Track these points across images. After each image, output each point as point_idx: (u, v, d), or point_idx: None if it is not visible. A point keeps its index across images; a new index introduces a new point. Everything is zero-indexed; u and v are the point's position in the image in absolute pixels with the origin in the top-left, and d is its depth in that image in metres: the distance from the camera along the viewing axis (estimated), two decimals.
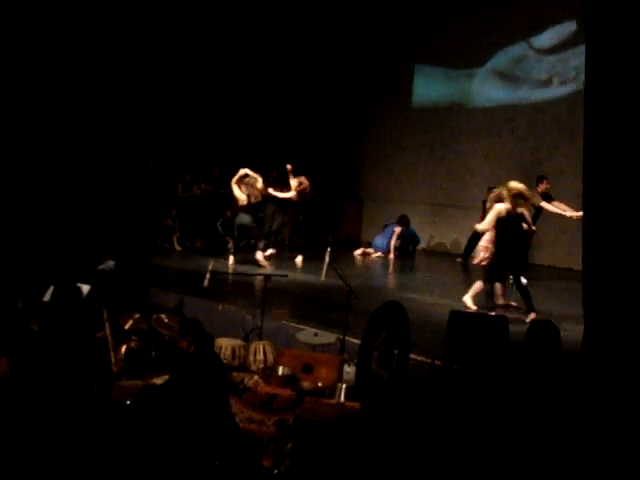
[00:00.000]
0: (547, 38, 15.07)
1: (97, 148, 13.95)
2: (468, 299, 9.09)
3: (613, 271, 5.68)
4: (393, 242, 15.07)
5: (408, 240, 15.48)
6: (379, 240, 15.27)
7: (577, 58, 13.85)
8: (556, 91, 14.87)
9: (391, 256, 14.99)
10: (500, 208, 8.88)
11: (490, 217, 8.95)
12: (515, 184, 9.00)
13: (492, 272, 9.10)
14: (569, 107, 13.97)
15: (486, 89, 16.16)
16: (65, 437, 5.45)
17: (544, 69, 15.12)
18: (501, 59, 15.93)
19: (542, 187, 11.56)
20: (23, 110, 12.94)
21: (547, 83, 15.04)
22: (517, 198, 8.83)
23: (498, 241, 8.98)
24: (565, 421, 4.45)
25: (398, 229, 15.18)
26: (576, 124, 12.50)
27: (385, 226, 15.52)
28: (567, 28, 14.41)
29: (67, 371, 6.07)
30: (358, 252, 15.31)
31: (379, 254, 15.08)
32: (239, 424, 5.71)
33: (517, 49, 15.60)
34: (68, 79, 13.57)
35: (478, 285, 9.15)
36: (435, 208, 16.83)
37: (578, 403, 4.51)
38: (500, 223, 8.86)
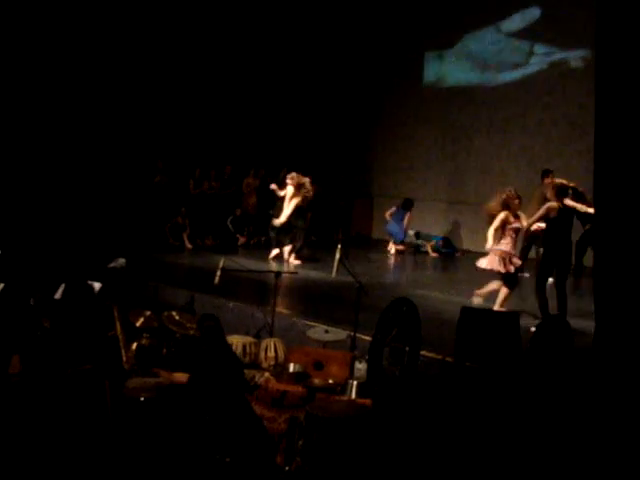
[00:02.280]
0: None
1: (108, 146, 13.98)
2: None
3: (624, 267, 5.66)
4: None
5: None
6: (392, 226, 15.22)
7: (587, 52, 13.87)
8: (566, 87, 14.82)
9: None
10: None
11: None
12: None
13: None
14: (580, 103, 13.92)
15: (498, 86, 16.12)
16: (77, 434, 5.47)
17: (554, 64, 15.11)
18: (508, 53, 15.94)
19: (547, 181, 11.58)
20: (34, 109, 12.99)
21: (558, 78, 15.01)
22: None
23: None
24: (577, 416, 4.44)
25: (408, 215, 15.20)
26: (586, 120, 12.47)
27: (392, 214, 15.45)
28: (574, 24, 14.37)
29: (79, 368, 6.09)
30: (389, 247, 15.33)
31: (400, 247, 15.14)
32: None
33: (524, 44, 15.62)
34: (80, 78, 13.61)
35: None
36: (445, 205, 16.80)
37: (590, 399, 4.50)
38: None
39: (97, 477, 5.13)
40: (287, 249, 12.73)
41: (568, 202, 8.70)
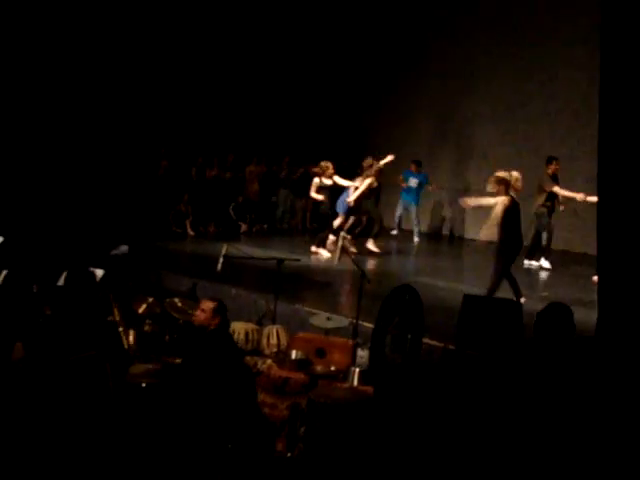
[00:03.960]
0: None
1: (110, 134, 13.96)
2: None
3: (627, 256, 5.65)
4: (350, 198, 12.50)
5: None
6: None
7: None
8: (569, 77, 14.74)
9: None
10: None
11: None
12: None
13: None
14: (582, 92, 13.85)
15: (499, 74, 16.04)
16: (80, 421, 5.48)
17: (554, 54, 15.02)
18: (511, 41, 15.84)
19: (552, 168, 11.69)
20: (36, 97, 12.96)
21: (559, 69, 14.92)
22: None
23: None
24: (579, 405, 4.43)
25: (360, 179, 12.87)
26: (589, 109, 12.43)
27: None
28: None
29: (81, 355, 6.10)
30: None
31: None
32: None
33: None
34: (83, 67, 13.58)
35: None
36: (449, 193, 16.75)
37: (592, 387, 4.49)
38: None
39: (99, 463, 5.14)
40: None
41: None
